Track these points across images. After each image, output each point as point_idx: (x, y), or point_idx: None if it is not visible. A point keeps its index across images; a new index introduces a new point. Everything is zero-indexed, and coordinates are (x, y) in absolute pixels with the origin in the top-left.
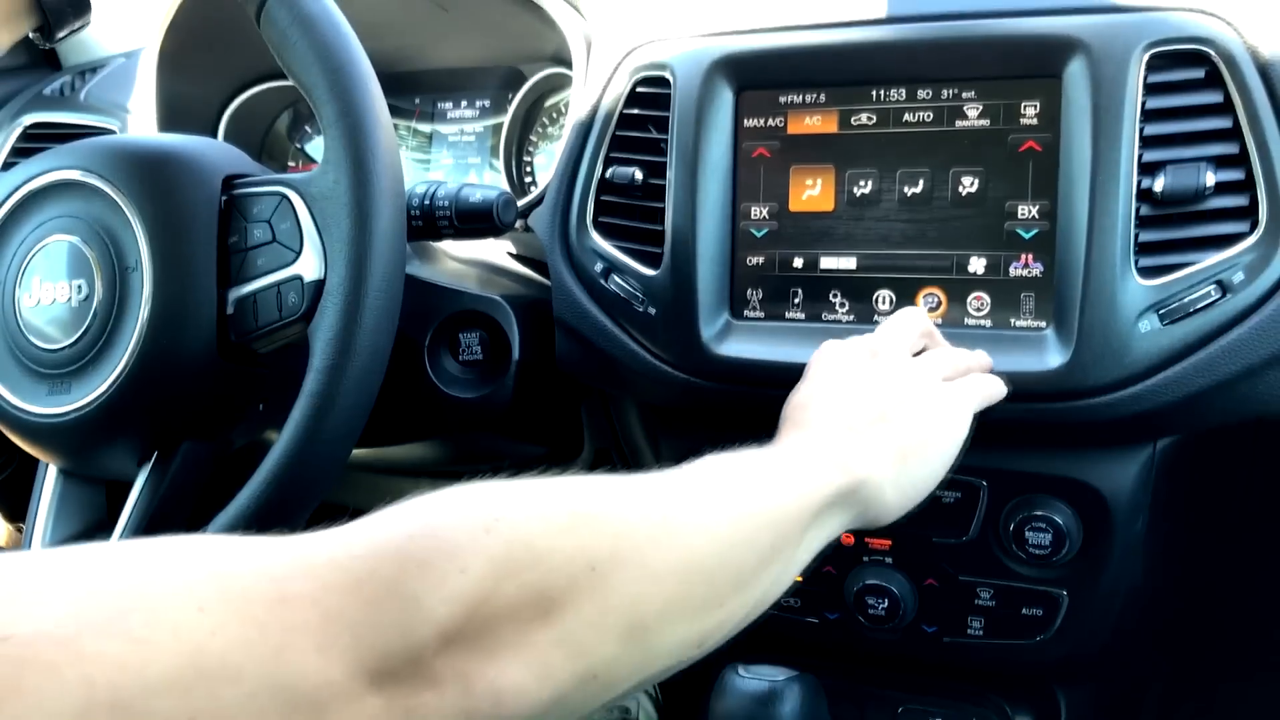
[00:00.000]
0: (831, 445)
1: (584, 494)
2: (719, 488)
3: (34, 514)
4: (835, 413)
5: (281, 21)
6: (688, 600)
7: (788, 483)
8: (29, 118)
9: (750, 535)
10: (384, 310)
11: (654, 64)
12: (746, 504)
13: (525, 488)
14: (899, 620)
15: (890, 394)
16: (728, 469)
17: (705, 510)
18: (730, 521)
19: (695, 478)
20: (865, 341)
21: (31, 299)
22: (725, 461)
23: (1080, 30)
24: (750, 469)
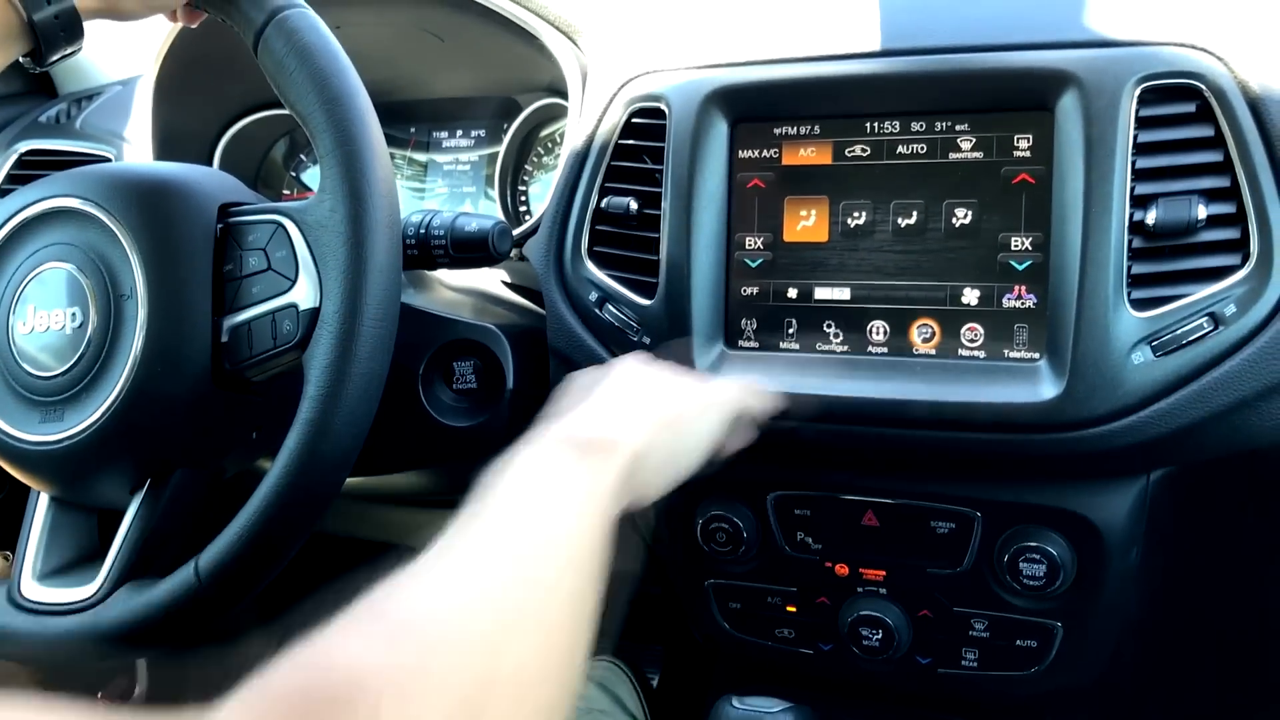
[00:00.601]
0: (603, 426)
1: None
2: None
3: (24, 542)
4: (598, 401)
5: (279, 51)
6: (551, 650)
7: (584, 491)
8: (24, 144)
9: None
10: (379, 339)
11: (649, 95)
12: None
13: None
14: (893, 651)
15: (650, 380)
16: (527, 510)
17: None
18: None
19: (504, 533)
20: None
21: (26, 326)
22: (522, 500)
23: (1072, 64)
24: (547, 495)
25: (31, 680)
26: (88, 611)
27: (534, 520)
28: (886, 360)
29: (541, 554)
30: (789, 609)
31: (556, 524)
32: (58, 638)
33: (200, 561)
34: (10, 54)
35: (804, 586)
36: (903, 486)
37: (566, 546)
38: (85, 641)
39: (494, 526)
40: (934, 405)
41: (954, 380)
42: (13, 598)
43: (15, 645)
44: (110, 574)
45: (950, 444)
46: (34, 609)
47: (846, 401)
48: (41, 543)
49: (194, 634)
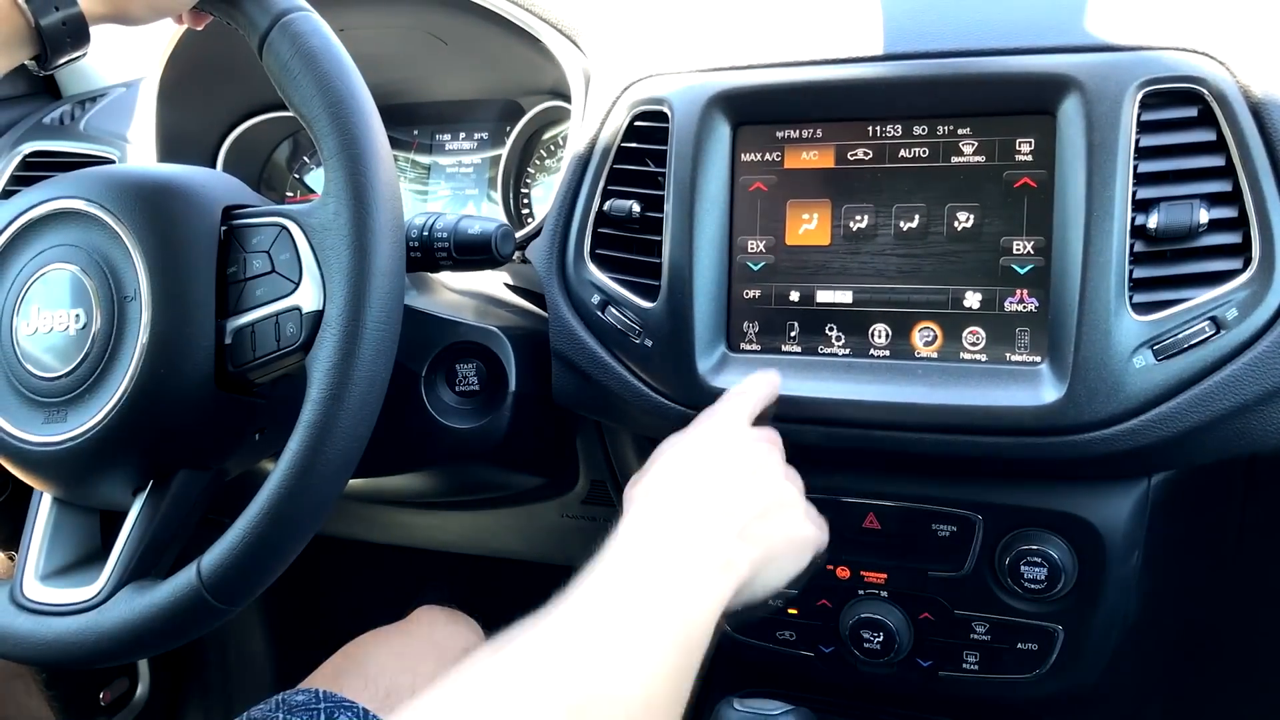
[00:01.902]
0: (722, 544)
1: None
2: (652, 638)
3: (27, 543)
4: (713, 512)
5: (284, 54)
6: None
7: (700, 601)
8: (29, 146)
9: (682, 668)
10: (382, 341)
11: (652, 98)
12: (675, 645)
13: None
14: (894, 654)
15: (766, 495)
16: (648, 608)
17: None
18: (666, 674)
19: (626, 628)
20: (735, 416)
21: (29, 327)
22: (640, 595)
23: (1075, 69)
24: (667, 602)
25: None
26: (90, 612)
27: (644, 634)
28: (888, 363)
29: (642, 649)
30: (790, 611)
31: (666, 638)
32: (60, 638)
33: (202, 563)
34: (16, 58)
35: (805, 589)
36: (904, 489)
37: (671, 643)
38: (87, 642)
39: (599, 627)
40: (935, 409)
41: (955, 384)
42: (15, 598)
43: (17, 645)
44: (112, 575)
45: (952, 447)
46: (36, 609)
47: (848, 404)
48: (44, 543)
49: (196, 636)
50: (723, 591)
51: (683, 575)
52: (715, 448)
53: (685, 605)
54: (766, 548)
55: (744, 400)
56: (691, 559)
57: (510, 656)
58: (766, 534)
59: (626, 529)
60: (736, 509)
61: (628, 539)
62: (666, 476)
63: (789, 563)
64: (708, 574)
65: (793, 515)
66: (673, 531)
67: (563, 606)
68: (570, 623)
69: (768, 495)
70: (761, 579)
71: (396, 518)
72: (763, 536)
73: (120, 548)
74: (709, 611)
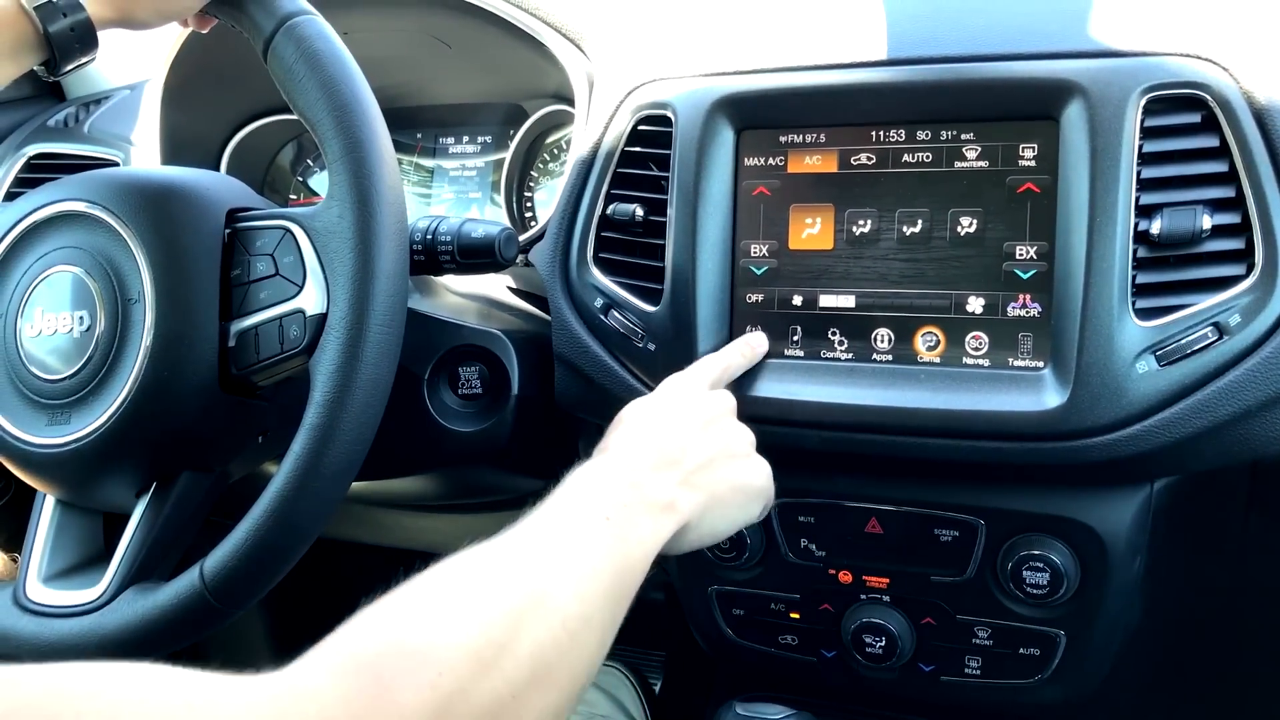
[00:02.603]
0: (665, 487)
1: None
2: (589, 558)
3: (30, 544)
4: (660, 459)
5: (288, 57)
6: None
7: (637, 534)
8: (33, 148)
9: (616, 592)
10: (386, 345)
11: (656, 103)
12: (611, 569)
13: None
14: (896, 659)
15: (714, 446)
16: (588, 533)
17: (581, 583)
18: (601, 592)
19: (567, 548)
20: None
21: (33, 329)
22: (582, 522)
23: (1078, 74)
24: (606, 531)
25: None
26: (92, 614)
27: (584, 540)
28: (891, 368)
29: (581, 569)
30: (792, 615)
31: (603, 549)
32: (62, 640)
33: (205, 565)
34: (25, 64)
35: (807, 593)
36: (906, 494)
37: (609, 568)
38: (89, 644)
39: (544, 534)
40: (938, 413)
41: (958, 388)
42: (18, 600)
43: (20, 647)
44: (115, 577)
45: (954, 452)
46: (39, 611)
47: (851, 409)
48: (47, 545)
49: (198, 638)
50: (662, 530)
51: (623, 510)
52: (668, 405)
53: (624, 536)
54: (711, 494)
55: (707, 365)
56: (633, 497)
57: (458, 565)
58: (712, 481)
59: (576, 475)
60: (683, 457)
61: (577, 481)
62: (621, 434)
63: (735, 510)
64: (648, 512)
65: (740, 465)
66: (619, 474)
67: (506, 534)
68: (516, 541)
69: (714, 445)
70: (708, 523)
71: (399, 521)
72: (707, 484)
73: (123, 550)
74: (646, 545)
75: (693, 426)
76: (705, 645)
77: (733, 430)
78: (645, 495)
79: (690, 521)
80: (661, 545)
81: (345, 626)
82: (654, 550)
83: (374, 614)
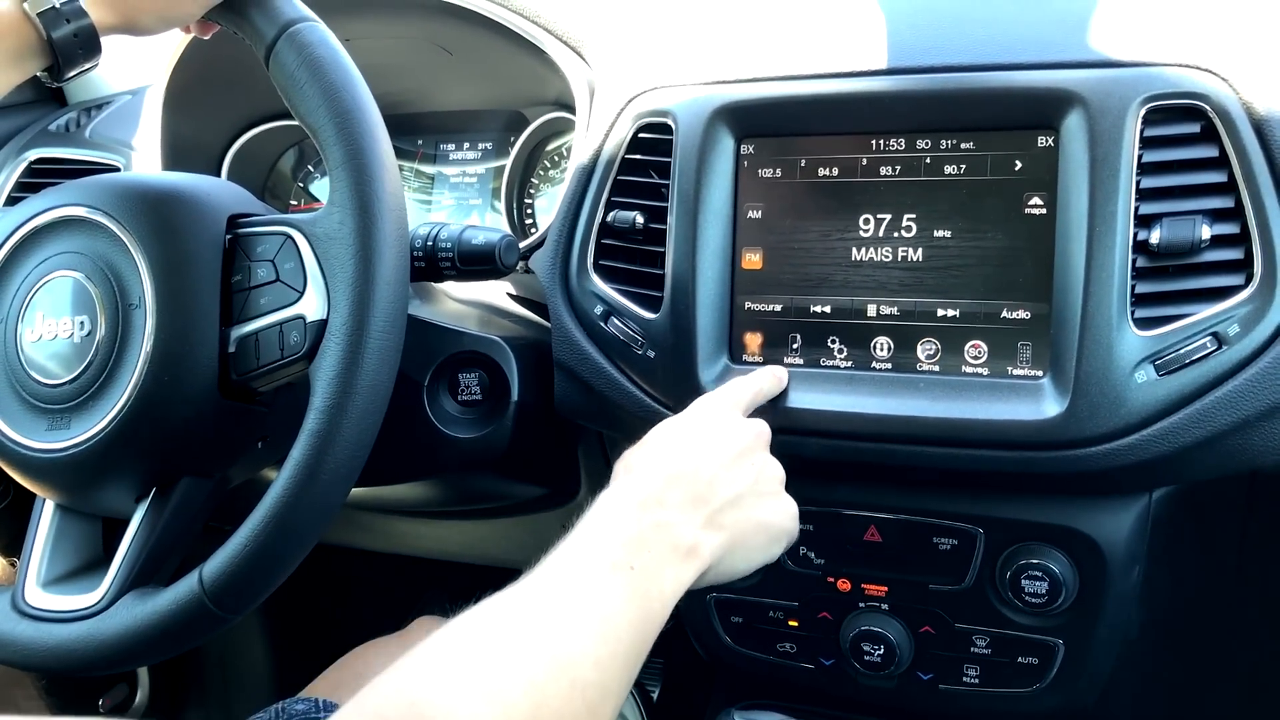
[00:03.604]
0: (689, 530)
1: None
2: (611, 619)
3: (29, 549)
4: (685, 498)
5: (290, 64)
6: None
7: (659, 585)
8: (34, 153)
9: (634, 651)
10: (386, 351)
11: (656, 110)
12: (631, 627)
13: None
14: (894, 667)
15: (741, 481)
16: (610, 588)
17: (602, 647)
18: (621, 656)
19: (588, 605)
20: (727, 403)
21: (34, 334)
22: (604, 573)
23: (1078, 84)
24: (628, 584)
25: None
26: (91, 619)
27: (605, 596)
28: (890, 376)
29: (602, 630)
30: (790, 623)
31: (625, 606)
32: (60, 645)
33: (204, 571)
34: (29, 70)
35: (806, 601)
36: (905, 502)
37: (628, 626)
38: (88, 649)
39: (565, 589)
40: (937, 422)
41: (957, 397)
42: (16, 604)
43: (18, 652)
44: (114, 582)
45: (953, 460)
46: (37, 616)
47: (850, 417)
48: (46, 550)
49: (197, 643)
50: (683, 578)
51: (647, 556)
52: (700, 432)
53: (646, 589)
54: (734, 535)
55: (741, 389)
56: (656, 540)
57: (478, 625)
58: (736, 521)
59: (599, 508)
60: (709, 495)
61: (598, 519)
62: (649, 457)
63: (757, 552)
64: (670, 562)
65: (766, 504)
66: (641, 516)
67: (527, 584)
68: (537, 595)
69: (743, 482)
70: (727, 563)
71: (397, 527)
72: (731, 524)
73: (122, 555)
74: (667, 595)
75: (725, 457)
76: (704, 653)
77: (765, 465)
78: (670, 538)
79: (711, 564)
80: (682, 593)
81: (362, 696)
82: (674, 600)
83: (388, 685)
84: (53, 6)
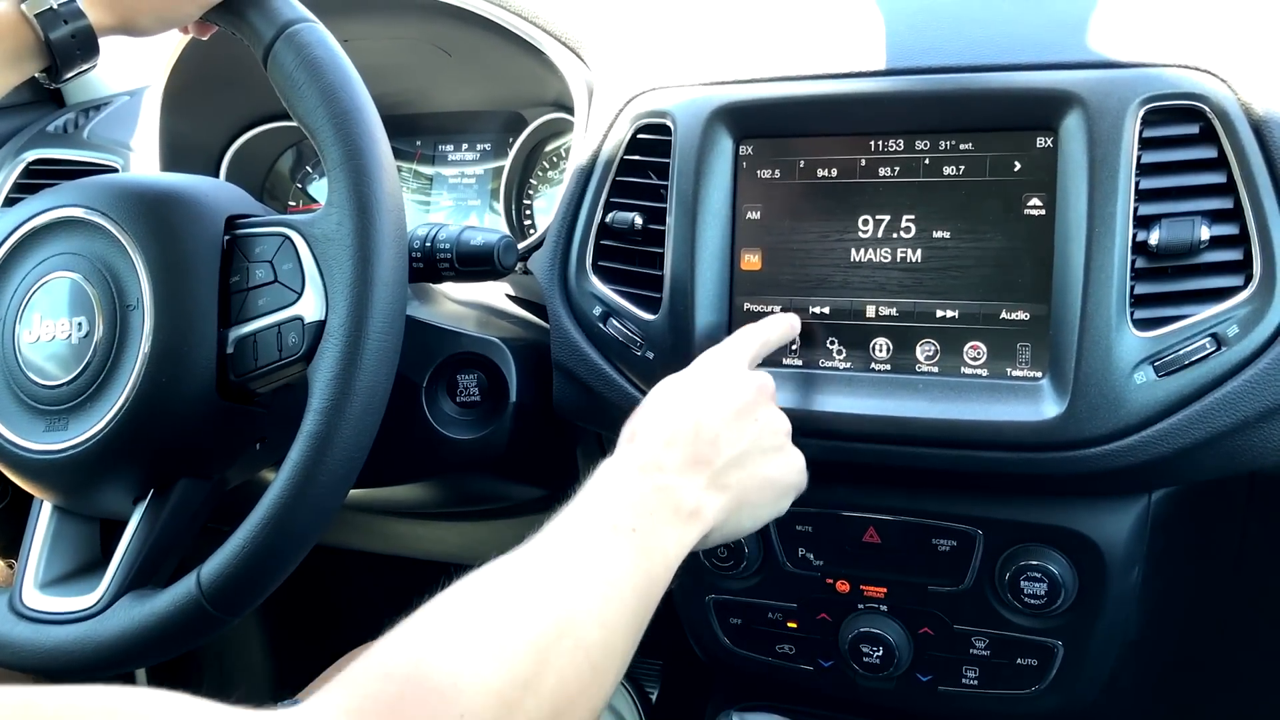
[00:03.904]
0: (692, 491)
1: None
2: (614, 579)
3: (27, 550)
4: (688, 459)
5: (288, 65)
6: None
7: (661, 546)
8: (31, 154)
9: (639, 611)
10: (384, 352)
11: (655, 111)
12: (634, 587)
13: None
14: (893, 669)
15: (746, 437)
16: (612, 549)
17: (605, 607)
18: (625, 615)
19: (591, 566)
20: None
21: (32, 335)
22: (606, 535)
23: (1077, 85)
24: (631, 544)
25: None
26: (89, 621)
27: (608, 557)
28: (889, 377)
29: (605, 591)
30: (790, 625)
31: (628, 567)
32: (58, 646)
33: (202, 572)
34: (27, 71)
35: (805, 603)
36: (904, 504)
37: (631, 589)
38: (85, 651)
39: (567, 552)
40: (936, 423)
41: (956, 398)
42: (14, 606)
43: (16, 654)
44: (112, 584)
45: (952, 462)
46: (35, 618)
47: (849, 418)
48: (43, 551)
49: (195, 645)
50: (686, 539)
51: (649, 519)
52: (701, 390)
53: (648, 549)
54: (739, 493)
55: (745, 341)
56: (658, 503)
57: (480, 588)
58: (741, 480)
59: (601, 474)
60: (711, 455)
61: (599, 486)
62: (650, 418)
63: (764, 508)
64: (674, 520)
65: (771, 460)
66: (642, 480)
67: (529, 548)
68: (539, 558)
69: (747, 439)
70: (733, 523)
71: (396, 528)
72: (736, 482)
73: (120, 556)
74: (670, 556)
75: (727, 414)
76: (702, 654)
77: (769, 419)
78: (671, 500)
79: (716, 524)
80: (685, 555)
81: (364, 659)
82: (677, 561)
83: (394, 645)
84: (50, 8)
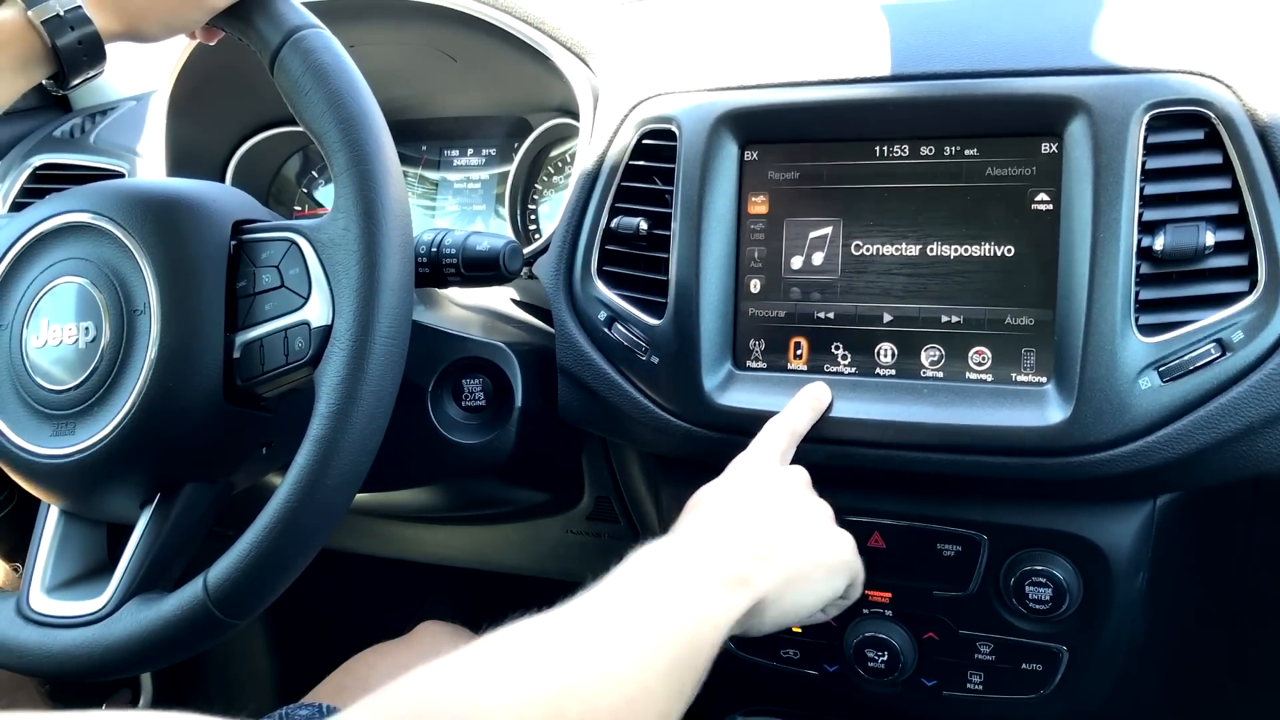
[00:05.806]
0: (737, 562)
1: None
2: (651, 631)
3: (34, 554)
4: (735, 534)
5: (295, 70)
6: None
7: (707, 609)
8: (39, 159)
9: (682, 669)
10: (390, 357)
11: (660, 117)
12: (675, 644)
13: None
14: (898, 673)
15: (790, 520)
16: (650, 605)
17: (641, 653)
18: (664, 665)
19: (627, 620)
20: (763, 455)
21: (39, 340)
22: (644, 594)
23: (1082, 91)
24: (670, 602)
25: (38, 692)
26: (96, 625)
27: (645, 626)
28: (894, 382)
29: (648, 659)
30: (794, 630)
31: (666, 635)
32: (65, 650)
33: (209, 576)
34: (34, 78)
35: None
36: (909, 509)
37: (668, 654)
38: (92, 655)
39: (603, 615)
40: (941, 428)
41: (961, 403)
42: (21, 610)
43: (23, 658)
44: (119, 587)
45: (957, 467)
46: (42, 621)
47: (854, 423)
48: (50, 555)
49: (201, 649)
50: (735, 605)
51: (690, 582)
52: (741, 493)
53: (692, 610)
54: (790, 568)
55: (775, 438)
56: (701, 570)
57: (510, 634)
58: (791, 556)
59: (642, 550)
60: (760, 532)
61: (641, 556)
62: (694, 517)
63: (819, 583)
64: (718, 588)
65: (821, 539)
66: (687, 550)
67: (569, 602)
68: (573, 613)
69: (793, 519)
70: (790, 599)
71: (401, 532)
72: (786, 558)
73: (127, 560)
74: (717, 620)
75: (767, 506)
76: None
77: (809, 505)
78: (715, 569)
79: (768, 598)
80: (735, 621)
81: (391, 686)
82: (726, 627)
83: (419, 677)
84: (57, 14)
